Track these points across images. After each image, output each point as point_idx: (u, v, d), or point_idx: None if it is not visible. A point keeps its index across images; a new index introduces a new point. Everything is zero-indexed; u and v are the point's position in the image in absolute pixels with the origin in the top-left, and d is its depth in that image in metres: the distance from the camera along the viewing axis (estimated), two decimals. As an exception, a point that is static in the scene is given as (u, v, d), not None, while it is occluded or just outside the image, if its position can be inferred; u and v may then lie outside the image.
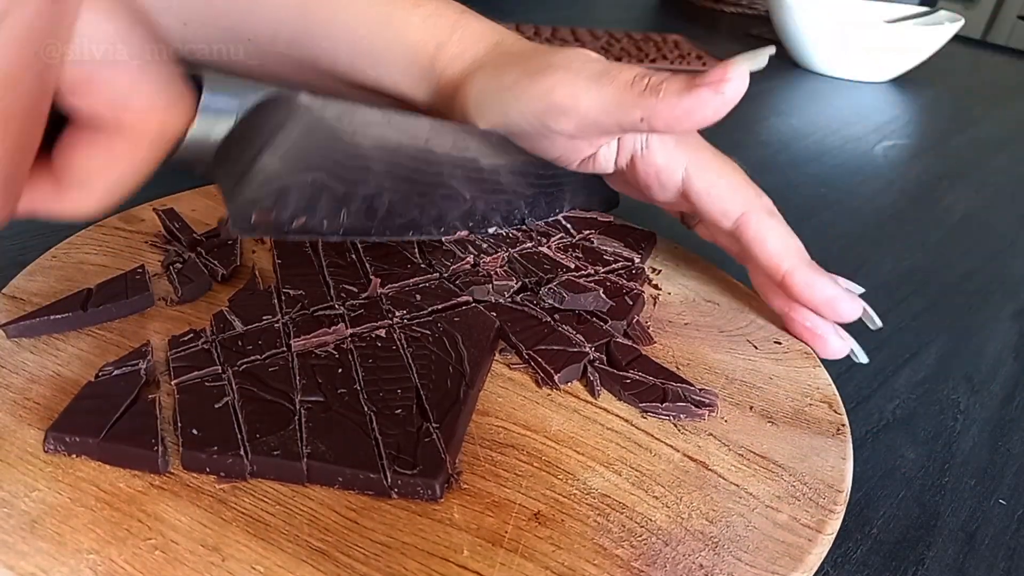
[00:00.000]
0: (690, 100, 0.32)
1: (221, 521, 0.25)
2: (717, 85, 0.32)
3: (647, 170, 0.39)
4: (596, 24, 1.17)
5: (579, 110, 0.36)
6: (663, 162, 0.39)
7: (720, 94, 0.32)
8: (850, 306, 0.37)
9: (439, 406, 0.30)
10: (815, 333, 0.38)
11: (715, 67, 0.32)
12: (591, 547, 0.26)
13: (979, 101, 1.08)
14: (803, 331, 0.39)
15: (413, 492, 0.27)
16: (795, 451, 0.31)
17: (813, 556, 0.27)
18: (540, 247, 0.42)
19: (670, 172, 0.39)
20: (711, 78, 0.32)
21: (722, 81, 0.32)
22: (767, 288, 0.40)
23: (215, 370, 0.30)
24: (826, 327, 0.38)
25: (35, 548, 0.23)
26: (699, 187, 0.38)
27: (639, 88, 0.34)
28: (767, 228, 0.37)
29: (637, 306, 0.39)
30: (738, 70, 0.32)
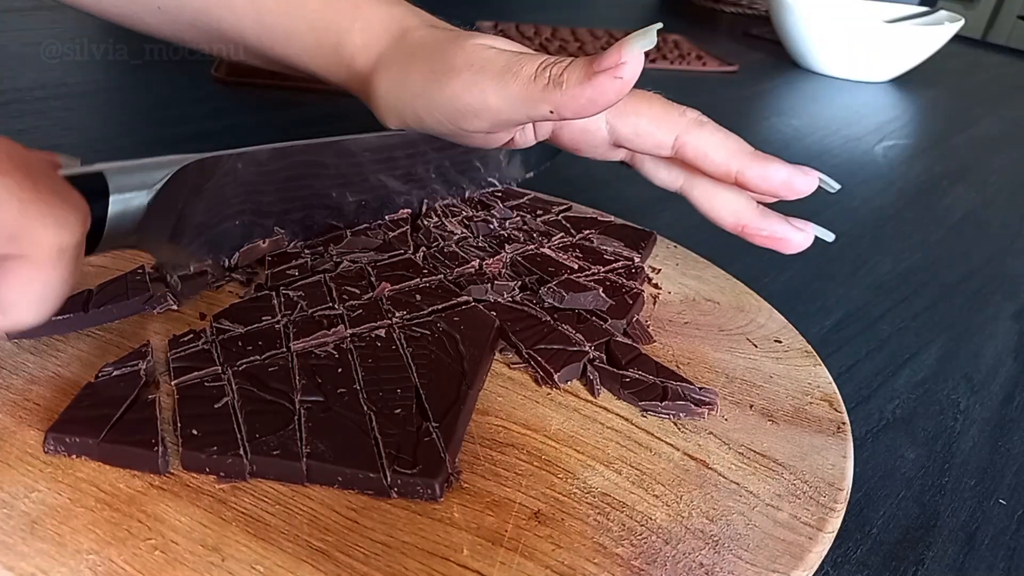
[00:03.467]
0: (591, 88, 0.33)
1: (221, 521, 0.25)
2: (615, 70, 0.32)
3: (571, 136, 0.41)
4: (596, 24, 1.17)
5: (489, 110, 0.36)
6: (585, 124, 0.40)
7: (619, 78, 0.32)
8: (806, 180, 0.37)
9: (439, 406, 0.30)
10: (775, 237, 0.39)
11: (608, 50, 0.32)
12: (591, 546, 0.26)
13: (979, 101, 1.08)
14: (764, 240, 0.39)
15: (413, 492, 0.27)
16: (795, 449, 0.31)
17: (814, 554, 0.27)
18: (541, 248, 0.43)
19: (593, 131, 0.40)
20: (607, 63, 0.32)
21: (619, 65, 0.32)
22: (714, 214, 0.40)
23: (215, 370, 0.30)
24: (782, 227, 0.39)
25: (35, 549, 0.23)
26: (626, 133, 0.39)
27: (542, 82, 0.34)
28: (704, 141, 0.38)
29: (637, 305, 0.39)
30: (631, 51, 0.32)
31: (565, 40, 1.06)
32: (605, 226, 0.46)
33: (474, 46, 0.38)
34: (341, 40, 0.42)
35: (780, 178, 0.37)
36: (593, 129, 0.40)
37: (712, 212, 0.40)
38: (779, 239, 0.39)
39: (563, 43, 1.04)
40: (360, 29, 0.42)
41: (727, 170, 0.37)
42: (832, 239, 0.39)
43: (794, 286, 0.50)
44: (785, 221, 0.39)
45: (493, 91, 0.36)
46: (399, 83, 0.40)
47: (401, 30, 0.41)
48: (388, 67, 0.40)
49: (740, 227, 0.39)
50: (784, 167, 0.37)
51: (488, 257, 0.40)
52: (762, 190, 0.38)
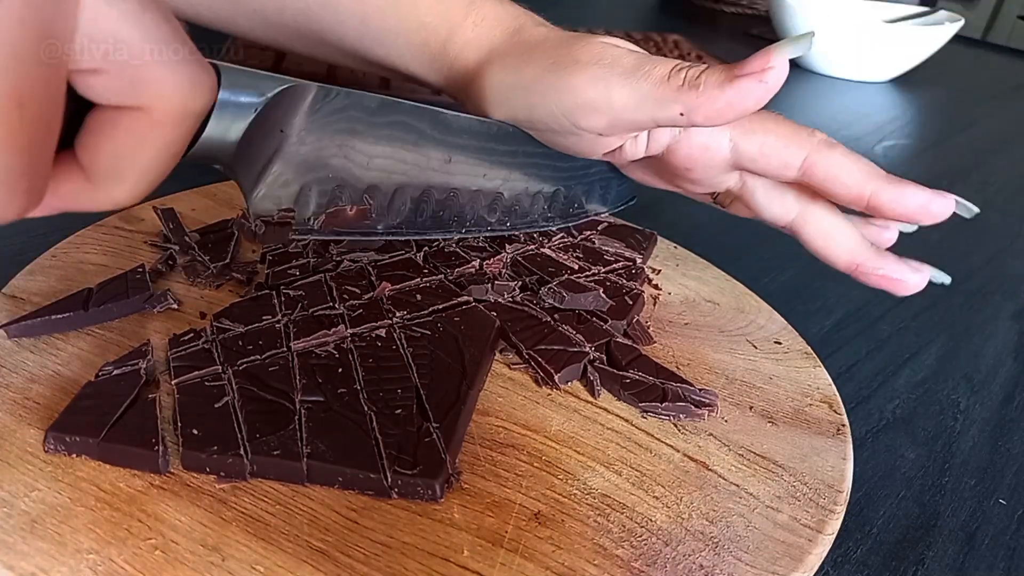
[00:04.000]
0: (732, 92, 0.31)
1: (221, 521, 0.25)
2: (760, 74, 0.30)
3: (690, 153, 0.38)
4: (596, 24, 1.17)
5: (612, 107, 0.35)
6: (707, 141, 0.37)
7: (763, 83, 0.31)
8: (943, 203, 0.34)
9: (439, 406, 0.30)
10: (890, 278, 0.36)
11: (755, 55, 0.31)
12: (591, 547, 0.26)
13: (979, 101, 1.08)
14: (878, 280, 0.37)
15: (413, 492, 0.27)
16: (795, 451, 0.31)
17: (813, 556, 0.27)
18: (542, 248, 0.42)
19: (716, 148, 0.37)
20: (753, 67, 0.31)
21: (765, 70, 0.30)
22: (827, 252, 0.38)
23: (215, 370, 0.30)
24: (898, 267, 0.36)
25: (35, 548, 0.23)
26: (751, 151, 0.36)
27: (676, 82, 0.33)
28: (836, 163, 0.35)
29: (637, 306, 0.39)
30: (779, 56, 0.30)
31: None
32: (606, 227, 0.46)
33: (602, 43, 0.36)
34: (450, 35, 0.41)
35: (917, 202, 0.34)
36: (715, 146, 0.37)
37: (825, 249, 0.37)
38: (894, 280, 0.36)
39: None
40: (473, 23, 0.40)
41: (859, 193, 0.35)
42: (948, 282, 0.37)
43: (794, 286, 0.50)
44: (901, 261, 0.37)
45: (620, 87, 0.34)
46: (514, 72, 0.38)
47: (517, 26, 0.40)
48: (502, 58, 0.39)
49: (854, 266, 0.37)
50: (921, 191, 0.34)
51: (489, 257, 0.40)
52: (896, 215, 0.35)
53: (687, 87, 0.32)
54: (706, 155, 0.38)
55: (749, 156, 0.37)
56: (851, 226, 0.37)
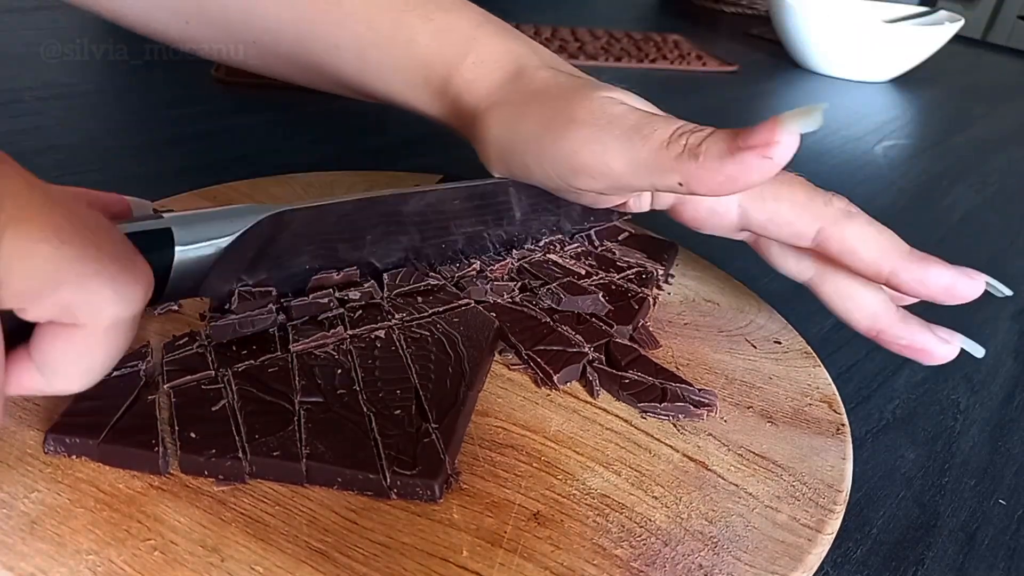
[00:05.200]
0: (733, 165, 0.29)
1: (220, 522, 0.25)
2: (765, 149, 0.28)
3: (695, 215, 0.37)
4: (596, 24, 1.17)
5: (609, 172, 0.33)
6: (713, 205, 0.35)
7: (768, 159, 0.28)
8: (970, 285, 0.32)
9: (438, 407, 0.30)
10: (915, 348, 0.34)
11: (760, 125, 0.28)
12: (590, 547, 0.26)
13: (979, 101, 1.08)
14: (901, 349, 0.35)
15: (412, 493, 0.27)
16: (795, 451, 0.31)
17: (813, 556, 0.27)
18: (548, 254, 0.42)
19: (723, 213, 0.36)
20: (757, 139, 0.28)
21: (770, 144, 0.28)
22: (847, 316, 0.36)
23: (209, 374, 0.30)
24: (924, 337, 0.34)
25: (34, 549, 0.23)
26: (760, 220, 0.35)
27: (676, 150, 0.30)
28: (853, 236, 0.33)
29: (642, 310, 0.39)
30: (787, 131, 0.27)
31: (565, 40, 1.06)
32: (627, 237, 0.46)
33: (601, 99, 0.34)
34: (450, 74, 0.39)
35: (942, 284, 0.32)
36: (722, 211, 0.35)
37: (844, 313, 0.36)
38: (919, 350, 0.34)
39: (563, 43, 1.04)
40: (472, 63, 0.38)
41: (878, 270, 0.32)
42: (982, 354, 0.34)
43: (794, 286, 0.49)
44: (928, 329, 0.34)
45: (617, 152, 0.32)
46: (511, 127, 0.36)
47: (518, 68, 0.38)
48: (501, 107, 0.37)
49: (875, 332, 0.35)
50: (946, 270, 0.32)
51: (493, 263, 0.40)
52: (919, 295, 0.33)
53: (687, 156, 0.30)
54: (713, 219, 0.36)
55: (758, 224, 0.35)
56: (875, 287, 0.35)
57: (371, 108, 0.51)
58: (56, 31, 0.87)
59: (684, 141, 0.30)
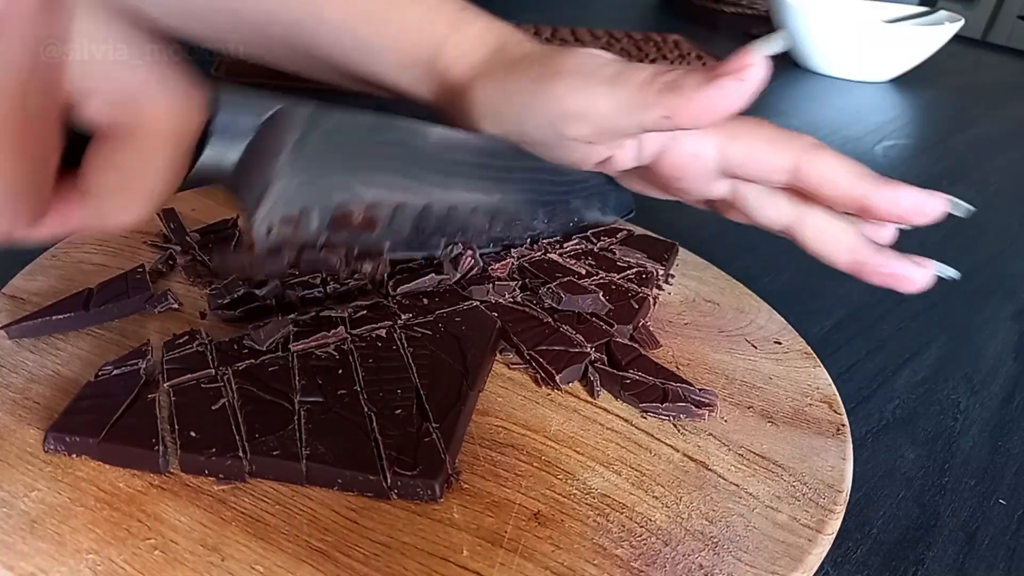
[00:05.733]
0: (713, 92, 0.31)
1: (221, 521, 0.25)
2: (738, 72, 0.31)
3: (679, 161, 0.38)
4: (596, 24, 1.17)
5: (596, 114, 0.35)
6: (695, 148, 0.37)
7: (742, 81, 0.31)
8: (936, 202, 0.34)
9: (439, 406, 0.30)
10: (896, 275, 0.36)
11: (734, 55, 0.31)
12: (591, 547, 0.26)
13: (979, 101, 1.08)
14: (882, 278, 0.36)
15: (413, 494, 0.27)
16: (795, 451, 0.31)
17: (813, 556, 0.27)
18: (548, 254, 0.42)
19: (704, 156, 0.37)
20: (731, 67, 0.31)
21: (743, 68, 0.31)
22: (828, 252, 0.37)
23: (209, 372, 0.30)
24: (902, 264, 0.36)
25: (35, 548, 0.23)
26: (739, 157, 0.37)
27: (657, 86, 0.33)
28: (825, 165, 0.35)
29: (643, 310, 0.38)
30: (756, 55, 0.31)
31: (565, 40, 1.05)
32: (627, 236, 0.46)
33: (583, 53, 0.37)
34: (438, 51, 0.41)
35: (910, 202, 0.34)
36: (703, 154, 0.37)
37: (825, 250, 0.37)
38: (900, 276, 0.36)
39: (563, 43, 1.04)
40: (457, 41, 0.41)
41: (851, 194, 0.35)
42: (958, 277, 0.36)
43: (794, 286, 0.50)
44: (905, 258, 0.36)
45: (603, 94, 0.35)
46: (500, 86, 0.38)
47: (501, 43, 0.41)
48: (489, 74, 0.39)
49: (857, 265, 0.36)
50: (913, 190, 0.34)
51: (493, 262, 0.40)
52: (890, 216, 0.35)
53: (667, 90, 0.33)
54: (695, 163, 0.38)
55: (736, 161, 0.37)
56: (850, 225, 0.37)
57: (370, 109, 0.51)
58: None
59: (664, 77, 0.33)
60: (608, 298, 0.38)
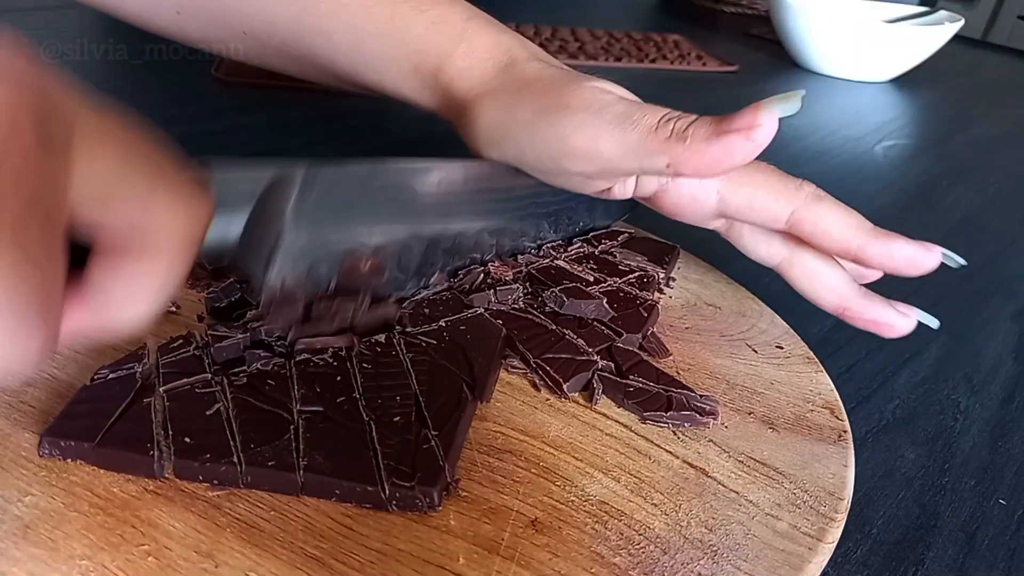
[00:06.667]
0: (719, 147, 0.31)
1: (215, 527, 0.25)
2: (748, 132, 0.30)
3: (678, 202, 0.38)
4: (596, 24, 1.17)
5: (600, 155, 0.35)
6: (694, 191, 0.37)
7: (750, 141, 0.31)
8: (929, 257, 0.35)
9: (439, 414, 0.29)
10: (878, 322, 0.36)
11: (743, 110, 0.31)
12: (588, 555, 0.26)
13: (979, 101, 1.08)
14: (865, 324, 0.37)
15: (412, 505, 0.26)
16: (796, 458, 0.31)
17: (813, 565, 0.26)
18: (556, 261, 0.42)
19: (703, 199, 0.37)
20: (740, 123, 0.31)
21: (752, 127, 0.30)
22: (815, 295, 0.38)
23: (204, 377, 0.30)
24: (885, 311, 0.36)
25: (27, 554, 0.23)
26: (738, 204, 0.37)
27: (664, 134, 0.33)
28: (823, 217, 0.35)
29: (652, 317, 0.38)
30: (768, 114, 0.30)
31: (565, 40, 1.05)
32: (627, 239, 0.45)
33: (592, 88, 0.36)
34: (442, 64, 0.40)
35: (904, 255, 0.35)
36: (702, 198, 0.37)
37: (812, 292, 0.38)
38: (881, 324, 0.36)
39: (563, 43, 1.04)
40: (463, 53, 0.40)
41: (847, 247, 0.35)
42: (937, 325, 0.37)
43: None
44: (888, 305, 0.37)
45: (608, 136, 0.34)
46: (505, 112, 0.38)
47: (510, 59, 0.40)
48: (494, 95, 0.39)
49: (841, 309, 0.37)
50: (907, 244, 0.35)
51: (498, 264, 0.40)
52: (884, 268, 0.36)
53: (674, 139, 0.32)
54: (693, 205, 0.38)
55: (736, 208, 0.37)
56: (838, 269, 0.37)
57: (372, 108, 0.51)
58: (56, 31, 0.87)
59: (672, 126, 0.33)
60: (615, 305, 0.38)
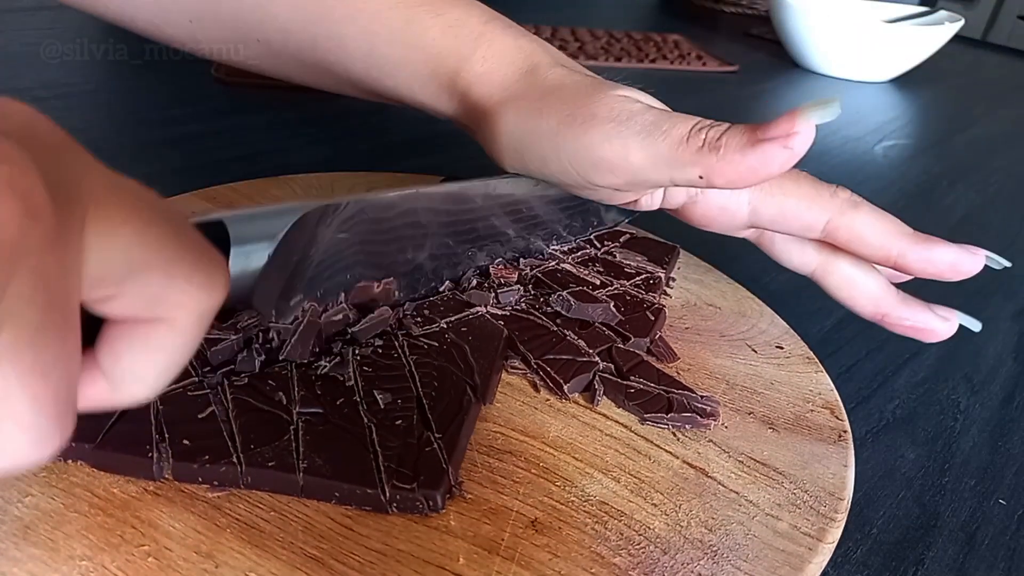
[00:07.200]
0: (754, 157, 0.30)
1: (215, 528, 0.25)
2: (785, 140, 0.29)
3: (708, 213, 0.37)
4: (596, 24, 1.17)
5: (629, 167, 0.33)
6: (724, 203, 0.37)
7: (788, 149, 0.29)
8: (973, 261, 0.34)
9: (441, 416, 0.29)
10: (917, 327, 0.36)
11: (781, 118, 0.29)
12: (588, 555, 0.26)
13: (979, 101, 1.08)
14: (905, 330, 0.36)
15: (412, 507, 0.26)
16: (796, 458, 0.31)
17: (813, 565, 0.26)
18: (562, 264, 0.42)
19: (734, 210, 0.37)
20: (777, 131, 0.29)
21: (790, 136, 0.29)
22: (852, 302, 0.37)
23: (194, 380, 0.30)
24: (925, 316, 0.35)
25: (27, 554, 0.23)
26: (771, 215, 0.36)
27: (696, 144, 0.31)
28: (860, 224, 0.34)
29: (659, 321, 0.38)
30: (805, 121, 0.29)
31: (565, 40, 1.05)
32: (628, 239, 0.45)
33: (619, 97, 0.35)
34: (459, 68, 0.39)
35: (947, 261, 0.34)
36: (733, 208, 0.36)
37: (850, 300, 0.37)
38: (922, 329, 0.35)
39: (563, 43, 1.04)
40: (482, 57, 0.39)
41: (887, 254, 0.34)
42: (979, 328, 0.36)
43: (794, 286, 0.49)
44: (928, 309, 0.36)
45: (637, 147, 0.33)
46: (528, 121, 0.36)
47: (531, 65, 0.38)
48: (516, 102, 0.37)
49: (880, 315, 0.36)
50: (949, 248, 0.34)
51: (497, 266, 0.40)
52: (926, 274, 0.34)
53: (707, 150, 0.31)
54: (723, 216, 0.37)
55: (768, 218, 0.36)
56: (875, 274, 0.36)
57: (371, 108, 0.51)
58: (56, 31, 0.87)
59: (704, 136, 0.31)
60: (622, 309, 0.38)
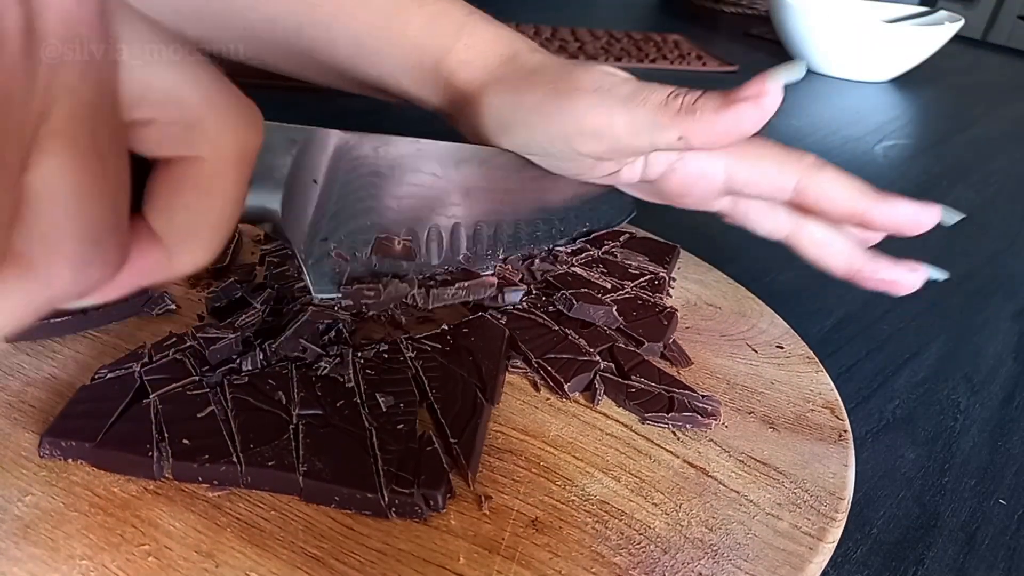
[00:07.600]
0: (729, 116, 0.32)
1: (215, 527, 0.25)
2: (756, 99, 0.32)
3: (686, 180, 0.39)
4: (596, 24, 1.17)
5: (612, 133, 0.35)
6: (702, 168, 0.38)
7: (759, 108, 0.32)
8: (930, 213, 0.36)
9: (455, 420, 0.29)
10: (888, 280, 0.37)
11: (751, 81, 0.32)
12: (589, 555, 0.26)
13: (979, 101, 1.08)
14: (877, 284, 0.38)
15: (411, 512, 0.26)
16: (796, 458, 0.31)
17: (814, 565, 0.26)
18: (572, 268, 0.42)
19: (711, 175, 0.38)
20: (748, 92, 0.32)
21: (760, 95, 0.32)
22: (825, 261, 0.39)
23: (194, 379, 0.30)
24: (895, 270, 0.37)
25: (28, 554, 0.23)
26: (745, 178, 0.38)
27: (674, 108, 0.34)
28: (827, 184, 0.36)
29: (672, 325, 0.38)
30: (774, 82, 0.32)
31: (565, 40, 1.05)
32: (628, 239, 0.45)
33: (600, 71, 0.37)
34: (443, 56, 0.41)
35: (907, 215, 0.36)
36: (711, 173, 0.38)
37: (822, 260, 0.39)
38: (891, 282, 0.37)
39: (563, 43, 1.04)
40: (465, 46, 0.41)
41: (851, 211, 0.36)
42: (946, 277, 0.38)
43: (794, 286, 0.49)
44: (897, 263, 0.38)
45: (620, 113, 0.35)
46: (514, 96, 0.38)
47: (513, 52, 0.41)
48: (501, 83, 0.39)
49: (852, 272, 0.38)
50: (909, 204, 0.36)
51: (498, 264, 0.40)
52: (888, 228, 0.37)
53: (684, 112, 0.33)
54: (702, 182, 0.39)
55: (743, 181, 0.38)
56: (845, 234, 0.38)
57: (370, 108, 0.51)
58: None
59: (680, 100, 0.34)
60: (634, 313, 0.38)
